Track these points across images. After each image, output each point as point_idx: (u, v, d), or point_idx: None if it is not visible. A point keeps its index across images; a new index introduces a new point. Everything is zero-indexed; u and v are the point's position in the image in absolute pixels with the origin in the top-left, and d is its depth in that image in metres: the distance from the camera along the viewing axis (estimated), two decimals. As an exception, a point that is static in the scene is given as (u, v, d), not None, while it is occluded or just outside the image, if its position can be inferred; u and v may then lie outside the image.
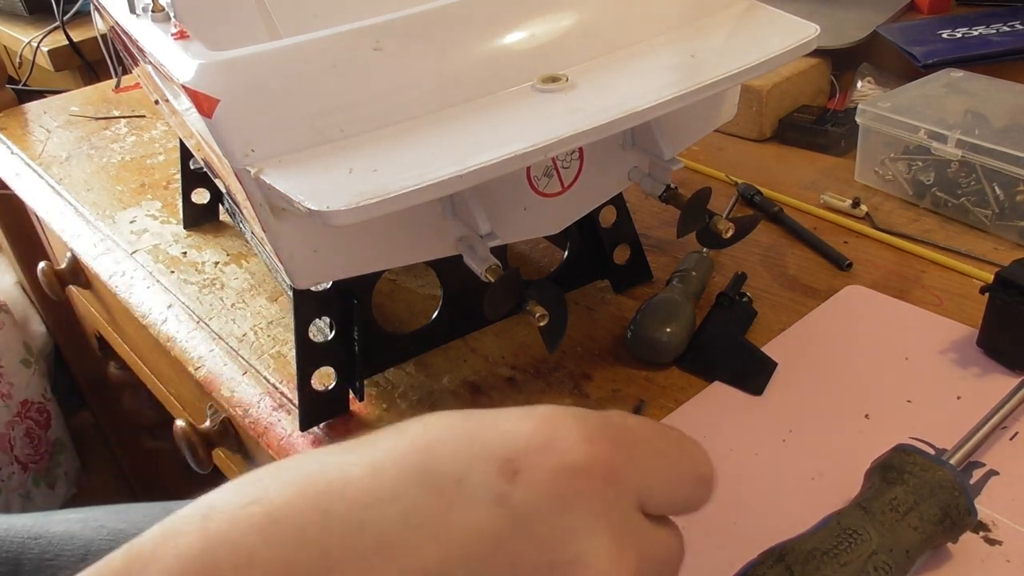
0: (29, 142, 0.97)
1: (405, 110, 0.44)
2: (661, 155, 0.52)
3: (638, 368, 0.56)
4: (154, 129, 0.98)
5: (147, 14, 0.53)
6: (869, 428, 0.49)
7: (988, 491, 0.45)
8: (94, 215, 0.81)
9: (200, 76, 0.42)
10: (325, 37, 0.44)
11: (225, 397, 0.59)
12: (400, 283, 0.67)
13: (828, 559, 0.37)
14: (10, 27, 1.31)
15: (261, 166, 0.41)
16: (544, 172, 0.51)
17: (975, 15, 0.89)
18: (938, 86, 0.73)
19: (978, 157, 0.64)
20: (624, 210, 0.61)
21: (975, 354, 0.54)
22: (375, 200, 0.37)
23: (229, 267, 0.71)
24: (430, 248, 0.49)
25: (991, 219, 0.65)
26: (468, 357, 0.58)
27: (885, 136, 0.69)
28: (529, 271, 0.67)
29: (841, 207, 0.69)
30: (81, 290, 1.02)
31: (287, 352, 0.61)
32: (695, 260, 0.61)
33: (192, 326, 0.65)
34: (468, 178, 0.38)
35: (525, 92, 0.45)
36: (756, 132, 0.81)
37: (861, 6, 0.92)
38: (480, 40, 0.46)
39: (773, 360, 0.54)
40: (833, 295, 0.60)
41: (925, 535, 0.39)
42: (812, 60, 0.82)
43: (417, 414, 0.53)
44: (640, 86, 0.45)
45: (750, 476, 0.47)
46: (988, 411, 0.47)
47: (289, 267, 0.46)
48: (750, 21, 0.51)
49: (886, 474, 0.41)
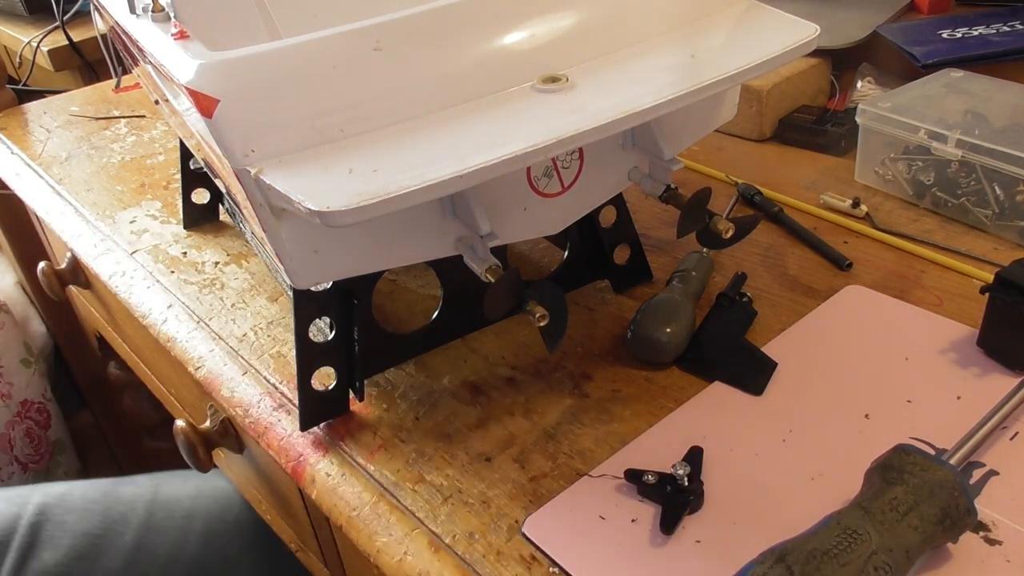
0: (29, 142, 0.97)
1: (405, 110, 0.44)
2: (661, 155, 0.52)
3: (638, 368, 0.56)
4: (154, 129, 0.98)
5: (147, 14, 0.53)
6: (869, 428, 0.49)
7: (988, 491, 0.45)
8: (94, 215, 0.81)
9: (200, 76, 0.42)
10: (325, 37, 0.44)
11: (225, 397, 0.59)
12: (400, 283, 0.67)
13: (828, 559, 0.37)
14: (10, 27, 1.31)
15: (261, 166, 0.41)
16: (544, 172, 0.51)
17: (975, 15, 0.89)
18: (938, 86, 0.73)
19: (978, 157, 0.64)
20: (624, 210, 0.61)
21: (975, 354, 0.54)
22: (375, 200, 0.37)
23: (229, 267, 0.71)
24: (430, 248, 0.49)
25: (991, 219, 0.65)
26: (468, 357, 0.58)
27: (885, 136, 0.69)
28: (529, 271, 0.67)
29: (841, 207, 0.69)
30: (81, 290, 1.02)
31: (287, 352, 0.61)
32: (695, 260, 0.61)
33: (192, 326, 0.65)
34: (468, 178, 0.38)
35: (525, 92, 0.45)
36: (756, 132, 0.81)
37: (861, 6, 0.92)
38: (480, 40, 0.46)
39: (773, 360, 0.54)
40: (833, 295, 0.60)
41: (925, 535, 0.39)
42: (812, 60, 0.82)
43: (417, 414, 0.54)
44: (640, 86, 0.45)
45: (750, 476, 0.47)
46: (988, 411, 0.47)
47: (289, 267, 0.46)
48: (750, 21, 0.51)
49: (886, 474, 0.41)
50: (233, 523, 0.86)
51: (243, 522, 0.86)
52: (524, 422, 0.53)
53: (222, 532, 0.85)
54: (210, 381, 0.60)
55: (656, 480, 0.46)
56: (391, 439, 0.52)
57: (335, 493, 0.50)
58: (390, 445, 0.52)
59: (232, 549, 0.85)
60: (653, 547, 0.44)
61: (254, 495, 0.82)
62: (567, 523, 0.45)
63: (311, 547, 0.74)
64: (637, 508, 0.46)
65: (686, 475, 0.45)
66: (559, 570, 0.43)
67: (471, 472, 0.49)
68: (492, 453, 0.51)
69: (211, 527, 0.85)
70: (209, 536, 0.85)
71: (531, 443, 0.51)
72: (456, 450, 0.51)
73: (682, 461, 0.46)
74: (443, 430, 0.53)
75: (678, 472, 0.45)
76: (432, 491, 0.49)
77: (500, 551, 0.44)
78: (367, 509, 0.48)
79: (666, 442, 0.50)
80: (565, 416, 0.53)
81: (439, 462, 0.50)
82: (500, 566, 0.44)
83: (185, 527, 0.85)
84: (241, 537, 0.86)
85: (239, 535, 0.86)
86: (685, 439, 0.49)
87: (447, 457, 0.51)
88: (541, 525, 0.45)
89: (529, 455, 0.50)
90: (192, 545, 0.84)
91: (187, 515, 0.86)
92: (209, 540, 0.85)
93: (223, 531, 0.85)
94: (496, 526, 0.46)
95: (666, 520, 0.44)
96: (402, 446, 0.52)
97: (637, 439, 0.50)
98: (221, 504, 0.87)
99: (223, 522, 0.86)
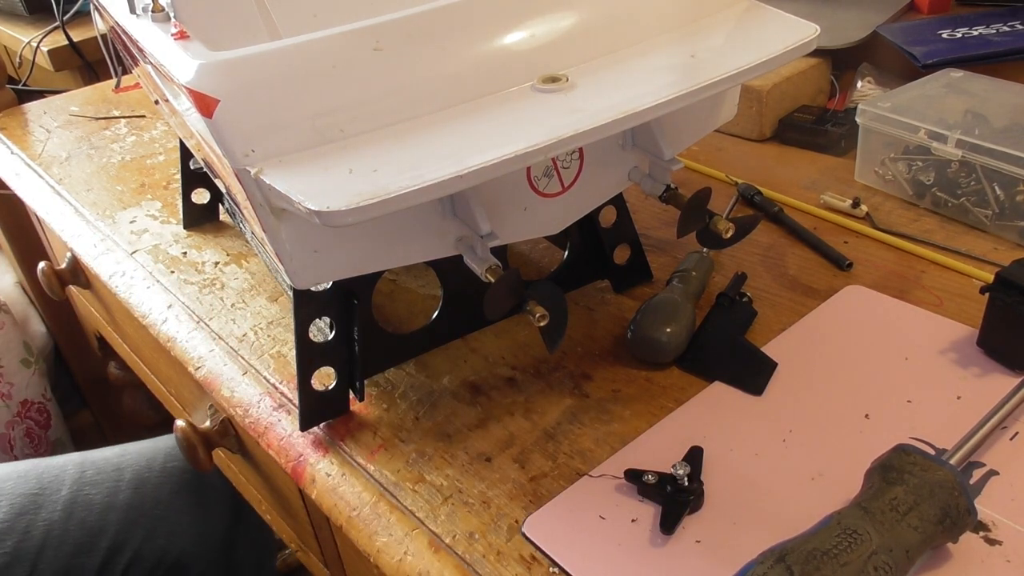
0: (29, 142, 0.97)
1: (405, 110, 0.44)
2: (661, 155, 0.52)
3: (638, 368, 0.56)
4: (154, 129, 0.98)
5: (147, 14, 0.53)
6: (869, 428, 0.49)
7: (988, 491, 0.45)
8: (94, 215, 0.81)
9: (200, 76, 0.42)
10: (325, 37, 0.44)
11: (225, 397, 0.59)
12: (400, 283, 0.67)
13: (828, 559, 0.37)
14: (10, 27, 1.31)
15: (261, 166, 0.41)
16: (544, 172, 0.51)
17: (975, 15, 0.89)
18: (938, 86, 0.73)
19: (978, 157, 0.64)
20: (624, 210, 0.61)
21: (975, 354, 0.54)
22: (375, 200, 0.37)
23: (229, 267, 0.71)
24: (430, 248, 0.49)
25: (991, 219, 0.65)
26: (468, 357, 0.58)
27: (885, 136, 0.69)
28: (529, 271, 0.67)
29: (841, 207, 0.69)
30: (81, 290, 1.02)
31: (287, 352, 0.61)
32: (695, 260, 0.61)
33: (192, 326, 0.65)
34: (468, 178, 0.38)
35: (525, 92, 0.45)
36: (756, 132, 0.81)
37: (861, 6, 0.92)
38: (480, 40, 0.46)
39: (773, 360, 0.54)
40: (833, 295, 0.60)
41: (925, 535, 0.39)
42: (812, 60, 0.82)
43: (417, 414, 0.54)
44: (640, 86, 0.45)
45: (750, 476, 0.47)
46: (988, 411, 0.47)
47: (289, 267, 0.46)
48: (750, 21, 0.51)
49: (886, 474, 0.41)
50: (160, 471, 0.93)
51: (170, 470, 0.93)
52: (524, 422, 0.53)
53: (151, 479, 0.92)
54: (210, 381, 0.61)
55: (656, 480, 0.46)
56: (391, 439, 0.52)
57: (335, 493, 0.50)
58: (390, 445, 0.52)
59: (163, 493, 0.92)
60: (653, 547, 0.44)
61: (254, 495, 0.82)
62: (567, 523, 0.45)
63: (311, 547, 0.74)
64: (637, 508, 0.46)
65: (686, 475, 0.45)
66: (559, 570, 0.43)
67: (471, 472, 0.49)
68: (492, 453, 0.51)
69: (140, 475, 0.92)
70: (139, 483, 0.92)
71: (531, 443, 0.51)
72: (456, 450, 0.51)
73: (682, 461, 0.46)
74: (443, 430, 0.53)
75: (678, 472, 0.45)
76: (432, 491, 0.49)
77: (500, 551, 0.44)
78: (367, 509, 0.48)
79: (666, 442, 0.50)
80: (565, 416, 0.53)
81: (439, 462, 0.50)
82: (500, 566, 0.44)
83: (116, 477, 0.91)
84: (171, 482, 0.92)
85: (168, 481, 0.92)
86: (685, 439, 0.49)
87: (447, 457, 0.51)
88: (541, 525, 0.45)
89: (529, 455, 0.50)
90: (124, 492, 0.90)
91: (116, 468, 0.92)
92: (139, 487, 0.91)
93: (152, 479, 0.92)
94: (496, 526, 0.46)
95: (666, 520, 0.44)
96: (402, 446, 0.52)
97: (637, 439, 0.50)
98: (147, 457, 0.94)
99: (151, 471, 0.93)
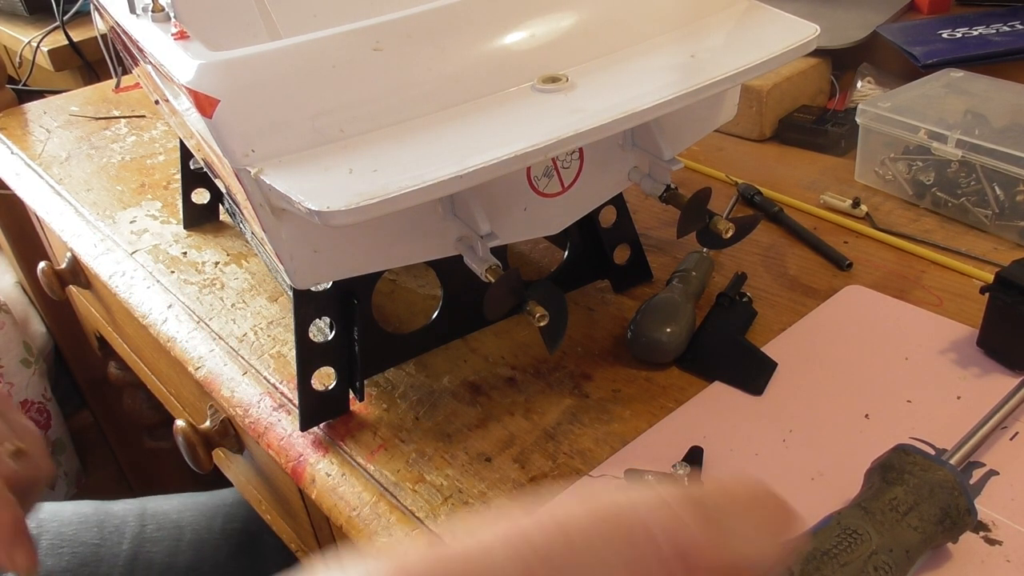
0: (29, 142, 0.97)
1: (405, 110, 0.44)
2: (661, 155, 0.52)
3: (638, 368, 0.56)
4: (154, 129, 0.98)
5: (147, 14, 0.53)
6: (869, 428, 0.49)
7: (988, 491, 0.45)
8: (94, 215, 0.81)
9: (200, 76, 0.42)
10: (325, 37, 0.44)
11: (225, 397, 0.59)
12: (400, 283, 0.67)
13: (828, 559, 0.37)
14: (10, 27, 1.31)
15: (261, 166, 0.41)
16: (544, 172, 0.51)
17: (975, 15, 0.89)
18: (938, 86, 0.73)
19: (978, 157, 0.64)
20: (624, 210, 0.61)
21: (975, 354, 0.54)
22: (375, 200, 0.37)
23: (229, 267, 0.71)
24: (430, 248, 0.49)
25: (991, 219, 0.65)
26: (468, 357, 0.58)
27: (885, 136, 0.69)
28: (529, 271, 0.67)
29: (841, 207, 0.69)
30: (81, 290, 1.02)
31: (287, 352, 0.61)
32: (695, 260, 0.61)
33: (192, 326, 0.65)
34: (468, 178, 0.38)
35: (525, 92, 0.45)
36: (756, 132, 0.81)
37: (861, 6, 0.92)
38: (480, 40, 0.46)
39: (773, 360, 0.54)
40: (833, 295, 0.60)
41: (925, 535, 0.39)
42: (812, 60, 0.82)
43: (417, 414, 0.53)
44: (640, 86, 0.45)
45: (750, 476, 0.47)
46: (988, 411, 0.47)
47: (289, 267, 0.46)
48: (750, 21, 0.51)
49: (886, 474, 0.41)
50: (219, 532, 0.91)
51: (228, 532, 0.92)
52: (524, 422, 0.53)
53: (210, 541, 0.90)
54: (210, 381, 0.60)
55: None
56: (391, 439, 0.52)
57: (335, 493, 0.50)
58: (390, 445, 0.52)
59: (221, 556, 0.90)
60: (653, 547, 0.43)
61: (254, 495, 0.82)
62: (567, 523, 0.45)
63: (311, 547, 0.74)
64: (637, 508, 0.46)
65: (686, 475, 0.45)
66: (559, 570, 0.43)
67: (471, 472, 0.49)
68: (492, 453, 0.51)
69: (200, 536, 0.90)
70: (199, 545, 0.90)
71: (531, 443, 0.51)
72: (456, 450, 0.51)
73: (682, 461, 0.46)
74: (443, 430, 0.53)
75: (678, 472, 0.45)
76: (432, 491, 0.49)
77: (500, 551, 0.44)
78: (367, 509, 0.48)
79: (666, 442, 0.50)
80: (565, 416, 0.53)
81: (439, 462, 0.50)
82: (500, 566, 0.44)
83: (176, 536, 0.90)
84: (229, 545, 0.91)
85: (226, 543, 0.91)
86: (685, 439, 0.49)
87: (447, 457, 0.51)
88: (541, 525, 0.45)
89: (529, 455, 0.50)
90: (185, 554, 0.89)
91: (176, 526, 0.91)
92: (199, 548, 0.89)
93: (211, 540, 0.90)
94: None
95: (666, 520, 0.44)
96: (402, 446, 0.52)
97: (637, 439, 0.50)
98: (207, 516, 0.93)
99: (210, 531, 0.91)
